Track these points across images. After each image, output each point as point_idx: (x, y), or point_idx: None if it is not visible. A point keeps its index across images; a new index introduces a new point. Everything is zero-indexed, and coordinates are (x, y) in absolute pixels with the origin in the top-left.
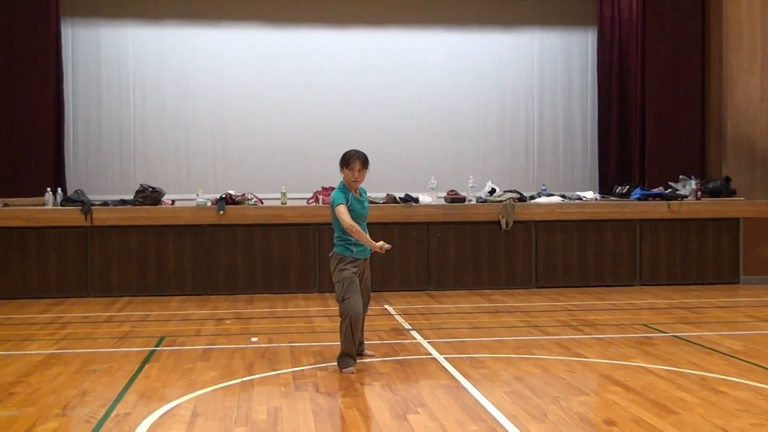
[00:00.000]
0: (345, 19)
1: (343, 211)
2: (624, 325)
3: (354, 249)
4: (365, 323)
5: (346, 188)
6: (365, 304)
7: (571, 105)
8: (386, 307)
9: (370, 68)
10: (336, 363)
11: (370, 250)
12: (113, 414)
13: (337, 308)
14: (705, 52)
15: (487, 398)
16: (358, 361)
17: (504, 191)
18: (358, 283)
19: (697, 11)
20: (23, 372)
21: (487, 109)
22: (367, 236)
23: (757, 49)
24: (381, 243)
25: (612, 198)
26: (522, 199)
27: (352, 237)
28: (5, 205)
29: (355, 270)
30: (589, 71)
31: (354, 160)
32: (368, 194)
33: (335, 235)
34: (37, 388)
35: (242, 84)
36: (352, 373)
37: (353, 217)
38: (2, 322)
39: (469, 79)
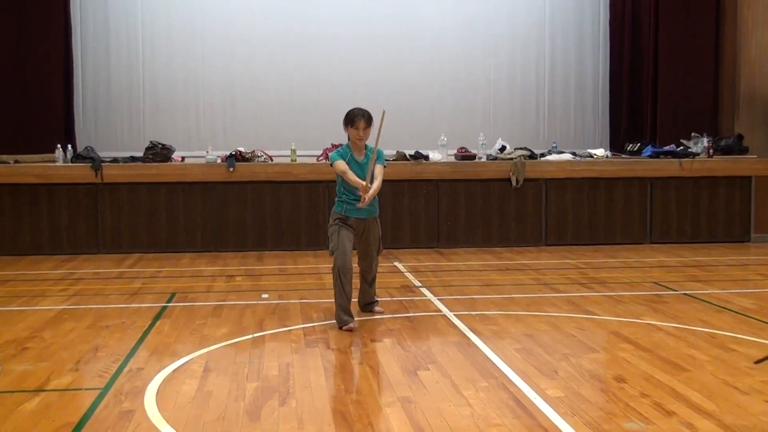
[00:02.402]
0: None
1: (337, 165)
2: (634, 282)
3: (345, 206)
4: (377, 281)
5: (346, 149)
6: (369, 263)
7: (583, 62)
8: (396, 264)
9: (380, 24)
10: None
11: (377, 211)
12: (126, 369)
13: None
14: (719, 6)
15: (498, 355)
16: (369, 319)
17: (514, 149)
18: (346, 236)
19: None
20: (36, 327)
21: (498, 66)
22: (354, 177)
23: None
24: (363, 184)
25: (623, 156)
26: (532, 156)
27: (344, 195)
28: (16, 161)
29: (344, 225)
30: (601, 27)
31: (359, 119)
32: None
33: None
34: (50, 343)
35: (252, 40)
36: (351, 329)
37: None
38: (15, 278)
39: (479, 35)
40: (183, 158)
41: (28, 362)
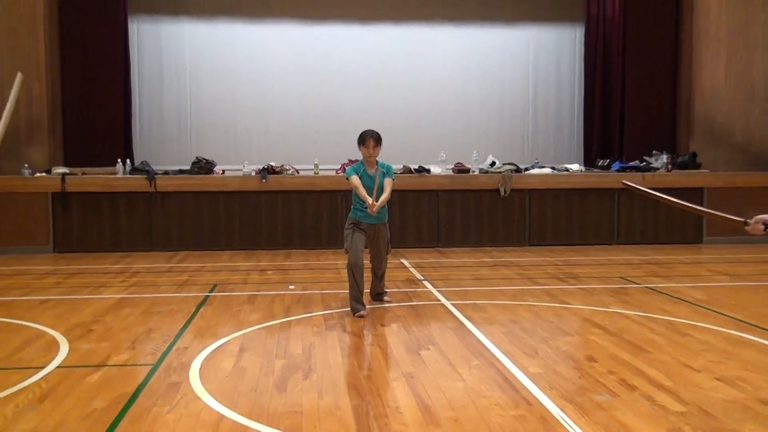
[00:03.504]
0: (367, 16)
1: (351, 180)
2: (603, 277)
3: (358, 213)
4: (386, 275)
5: (360, 165)
6: (379, 261)
7: (561, 90)
8: (402, 261)
9: (389, 58)
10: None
11: (385, 218)
12: (174, 348)
13: None
14: (678, 44)
15: (487, 337)
16: (379, 307)
17: (503, 164)
18: (358, 238)
19: (671, 9)
20: (99, 313)
21: (489, 94)
22: (364, 192)
23: (723, 42)
24: (370, 201)
25: (595, 170)
26: (518, 170)
27: (358, 204)
28: (83, 173)
29: (357, 229)
30: (577, 61)
31: (368, 139)
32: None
33: None
34: (111, 326)
35: (280, 71)
36: (362, 316)
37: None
38: (82, 271)
39: (473, 68)
40: (223, 171)
41: (92, 342)
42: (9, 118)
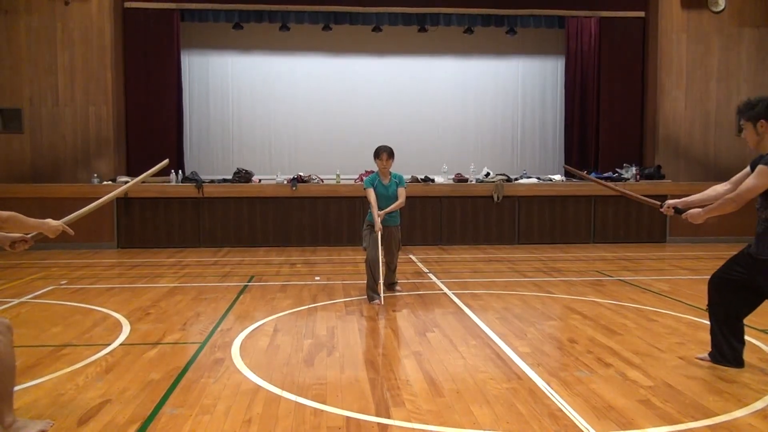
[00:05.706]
0: (381, 50)
1: (368, 193)
2: (582, 270)
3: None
4: (397, 268)
5: (376, 176)
6: (391, 257)
7: (545, 112)
8: (411, 256)
9: (400, 85)
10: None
11: (398, 221)
12: (218, 329)
13: None
14: (644, 74)
15: (483, 322)
16: (391, 295)
17: (496, 174)
18: (374, 238)
19: (639, 44)
20: (156, 298)
21: (484, 115)
22: (376, 213)
23: (683, 73)
24: (378, 226)
25: (574, 180)
26: (509, 180)
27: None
28: (143, 182)
29: (373, 230)
30: (559, 88)
31: (382, 153)
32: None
33: None
34: (165, 310)
35: (308, 96)
36: (378, 304)
37: (377, 197)
38: (141, 264)
39: (472, 93)
40: (260, 180)
41: (150, 323)
42: (136, 184)
